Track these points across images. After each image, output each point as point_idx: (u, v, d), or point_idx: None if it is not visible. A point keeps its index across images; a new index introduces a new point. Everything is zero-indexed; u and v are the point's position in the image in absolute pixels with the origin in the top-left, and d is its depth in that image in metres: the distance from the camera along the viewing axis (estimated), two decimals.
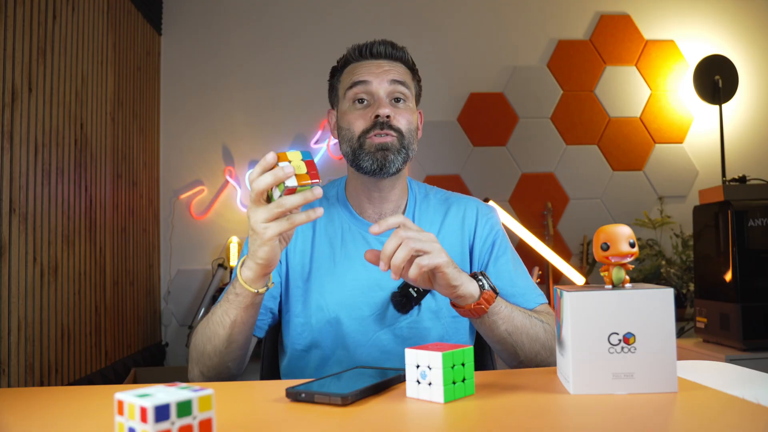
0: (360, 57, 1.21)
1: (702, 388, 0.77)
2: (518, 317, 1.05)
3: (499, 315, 1.02)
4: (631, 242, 0.77)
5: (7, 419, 0.73)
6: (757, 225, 2.14)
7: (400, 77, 1.19)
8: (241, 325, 1.01)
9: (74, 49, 2.27)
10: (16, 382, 1.82)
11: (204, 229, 3.29)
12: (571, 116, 3.47)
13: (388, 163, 1.14)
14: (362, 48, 1.21)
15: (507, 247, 1.23)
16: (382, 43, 1.21)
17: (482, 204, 1.28)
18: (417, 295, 1.15)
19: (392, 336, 1.16)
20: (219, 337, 1.02)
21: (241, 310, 0.99)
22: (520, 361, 1.08)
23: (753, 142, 3.53)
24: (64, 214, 2.16)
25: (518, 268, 1.22)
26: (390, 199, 1.22)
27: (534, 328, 1.06)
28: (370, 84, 1.17)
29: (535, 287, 1.21)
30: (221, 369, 1.06)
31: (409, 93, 1.20)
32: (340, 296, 1.17)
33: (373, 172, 1.15)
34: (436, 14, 3.46)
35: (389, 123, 1.15)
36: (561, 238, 3.41)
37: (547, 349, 1.08)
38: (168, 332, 3.27)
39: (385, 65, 1.19)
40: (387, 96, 1.17)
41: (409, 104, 1.20)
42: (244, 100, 3.34)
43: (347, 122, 1.18)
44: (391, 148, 1.14)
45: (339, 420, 0.69)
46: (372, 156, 1.14)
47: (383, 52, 1.20)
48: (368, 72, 1.18)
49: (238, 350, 1.06)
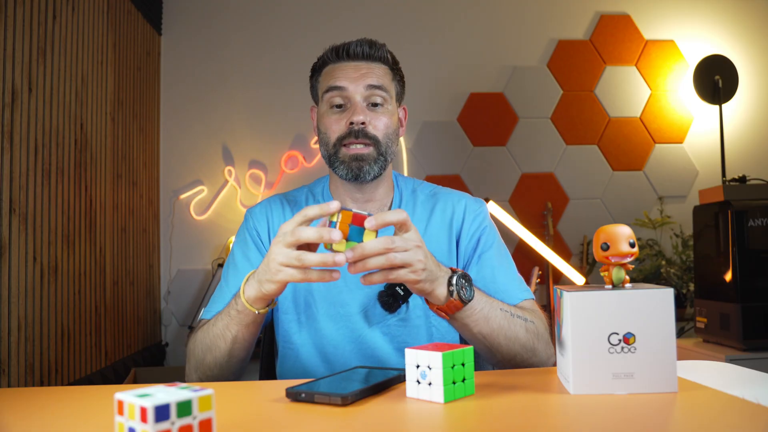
0: (337, 58, 1.18)
1: (702, 388, 0.77)
2: (496, 320, 1.01)
3: (471, 318, 0.99)
4: (631, 242, 0.77)
5: (7, 419, 0.73)
6: (757, 225, 2.14)
7: (377, 81, 1.16)
8: (242, 342, 1.01)
9: (74, 49, 2.27)
10: (16, 382, 1.82)
11: (204, 229, 3.29)
12: (571, 116, 3.47)
13: (363, 173, 1.14)
14: (339, 49, 1.17)
15: (493, 243, 1.21)
16: (360, 44, 1.17)
17: (471, 199, 1.26)
18: (404, 293, 1.13)
19: (381, 334, 1.15)
20: (220, 350, 1.02)
21: (242, 327, 0.98)
22: (498, 361, 1.06)
23: (753, 142, 3.53)
24: (64, 214, 2.16)
25: (504, 263, 1.19)
26: (374, 198, 1.21)
27: (513, 329, 1.03)
28: (346, 90, 1.15)
29: (519, 284, 1.18)
30: (221, 378, 1.07)
31: (388, 95, 1.17)
32: (327, 293, 1.16)
33: (349, 180, 1.15)
34: (436, 14, 3.46)
35: (364, 131, 1.13)
36: (561, 238, 3.41)
37: (528, 349, 1.05)
38: (168, 332, 3.27)
39: (363, 68, 1.16)
40: (364, 100, 1.15)
41: (388, 107, 1.17)
42: (244, 100, 3.34)
43: (324, 126, 1.17)
44: (366, 158, 1.13)
45: (339, 420, 0.69)
46: (347, 165, 1.14)
47: (360, 53, 1.16)
48: (345, 76, 1.15)
49: (237, 364, 1.06)
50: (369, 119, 1.14)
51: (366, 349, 1.14)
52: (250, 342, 1.03)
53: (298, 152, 3.33)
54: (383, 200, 1.23)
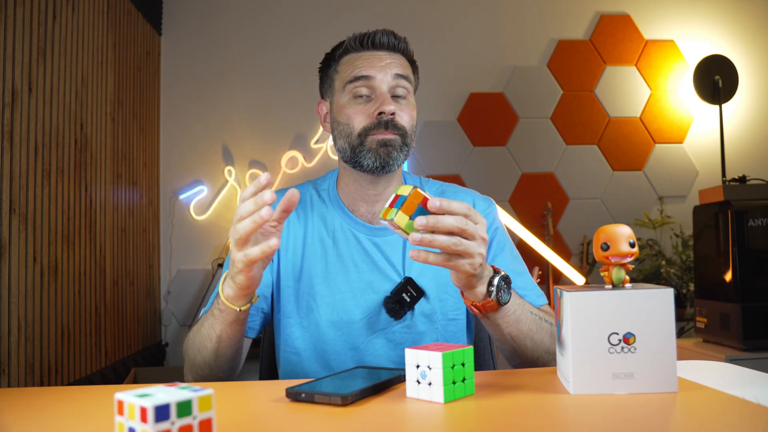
0: (360, 47, 1.14)
1: (702, 388, 0.77)
2: (526, 322, 1.01)
3: (504, 320, 0.98)
4: (631, 242, 0.77)
5: (7, 419, 0.73)
6: (757, 225, 2.14)
7: (402, 71, 1.14)
8: (227, 340, 1.00)
9: (74, 49, 2.27)
10: (16, 382, 1.82)
11: (204, 229, 3.29)
12: (571, 116, 3.47)
13: (391, 160, 1.10)
14: (363, 37, 1.14)
15: (505, 244, 1.19)
16: (385, 33, 1.14)
17: (479, 197, 1.23)
18: (410, 300, 1.11)
19: (385, 341, 1.12)
20: (207, 350, 1.01)
21: (226, 326, 0.97)
22: (521, 362, 1.06)
23: (753, 142, 3.53)
24: (64, 214, 2.16)
25: (518, 267, 1.18)
26: (384, 197, 1.17)
27: (540, 333, 1.03)
28: (373, 79, 1.12)
29: (534, 286, 1.17)
30: (213, 377, 1.06)
31: (411, 87, 1.16)
32: (330, 299, 1.13)
33: (374, 169, 1.11)
34: (436, 14, 3.46)
35: (393, 121, 1.10)
36: (561, 238, 3.41)
37: (551, 353, 1.04)
38: (168, 332, 3.27)
39: (387, 58, 1.13)
40: (389, 91, 1.12)
41: (411, 100, 1.16)
42: (244, 100, 3.34)
43: (346, 117, 1.13)
44: (395, 144, 1.10)
45: (339, 420, 0.69)
46: (374, 153, 1.10)
47: (386, 43, 1.14)
48: (370, 65, 1.12)
49: (226, 363, 1.04)
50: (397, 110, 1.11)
51: (368, 357, 1.12)
52: (236, 340, 1.01)
53: (298, 152, 3.33)
54: None
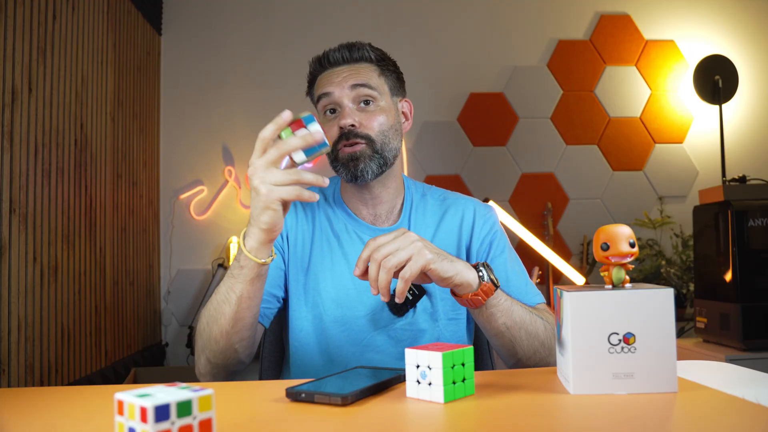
0: (321, 68, 1.21)
1: (702, 388, 0.77)
2: (518, 312, 1.03)
3: (498, 307, 1.00)
4: (631, 242, 0.77)
5: (7, 419, 0.73)
6: (757, 225, 2.14)
7: (361, 80, 1.16)
8: (248, 300, 0.99)
9: (74, 49, 2.27)
10: (16, 382, 1.82)
11: (204, 229, 3.29)
12: (571, 116, 3.47)
13: (360, 171, 1.14)
14: (321, 59, 1.21)
15: (504, 248, 1.23)
16: (338, 50, 1.19)
17: (480, 204, 1.27)
18: (413, 297, 1.15)
19: (387, 337, 1.15)
20: (225, 316, 0.99)
21: (247, 284, 0.97)
22: (518, 359, 1.07)
23: (753, 142, 3.53)
24: (64, 214, 2.16)
25: (515, 268, 1.21)
26: (383, 200, 1.22)
27: (534, 325, 1.05)
28: (332, 95, 1.16)
29: (532, 287, 1.20)
30: (229, 353, 1.04)
31: (377, 93, 1.17)
32: (335, 295, 1.16)
33: (350, 180, 1.17)
34: (436, 14, 3.46)
35: (354, 131, 1.14)
36: (561, 238, 3.41)
37: (546, 347, 1.07)
38: (168, 332, 3.27)
39: (345, 71, 1.17)
40: (353, 102, 1.16)
41: (380, 104, 1.17)
42: (244, 100, 3.34)
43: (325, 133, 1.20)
44: (361, 156, 1.14)
45: (339, 420, 0.69)
46: (344, 167, 1.15)
47: (340, 58, 1.19)
48: (329, 82, 1.17)
49: (245, 330, 1.03)
50: (360, 119, 1.14)
51: (371, 353, 1.15)
52: (256, 301, 1.01)
53: None
54: (393, 202, 1.23)
